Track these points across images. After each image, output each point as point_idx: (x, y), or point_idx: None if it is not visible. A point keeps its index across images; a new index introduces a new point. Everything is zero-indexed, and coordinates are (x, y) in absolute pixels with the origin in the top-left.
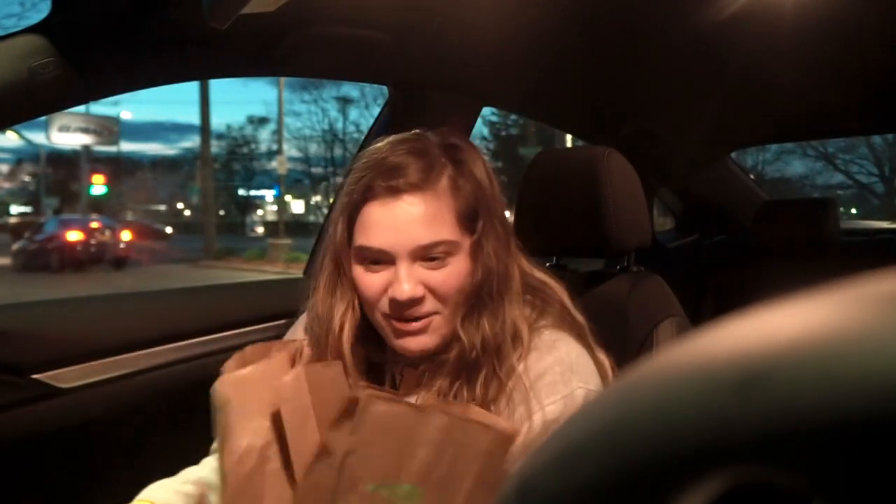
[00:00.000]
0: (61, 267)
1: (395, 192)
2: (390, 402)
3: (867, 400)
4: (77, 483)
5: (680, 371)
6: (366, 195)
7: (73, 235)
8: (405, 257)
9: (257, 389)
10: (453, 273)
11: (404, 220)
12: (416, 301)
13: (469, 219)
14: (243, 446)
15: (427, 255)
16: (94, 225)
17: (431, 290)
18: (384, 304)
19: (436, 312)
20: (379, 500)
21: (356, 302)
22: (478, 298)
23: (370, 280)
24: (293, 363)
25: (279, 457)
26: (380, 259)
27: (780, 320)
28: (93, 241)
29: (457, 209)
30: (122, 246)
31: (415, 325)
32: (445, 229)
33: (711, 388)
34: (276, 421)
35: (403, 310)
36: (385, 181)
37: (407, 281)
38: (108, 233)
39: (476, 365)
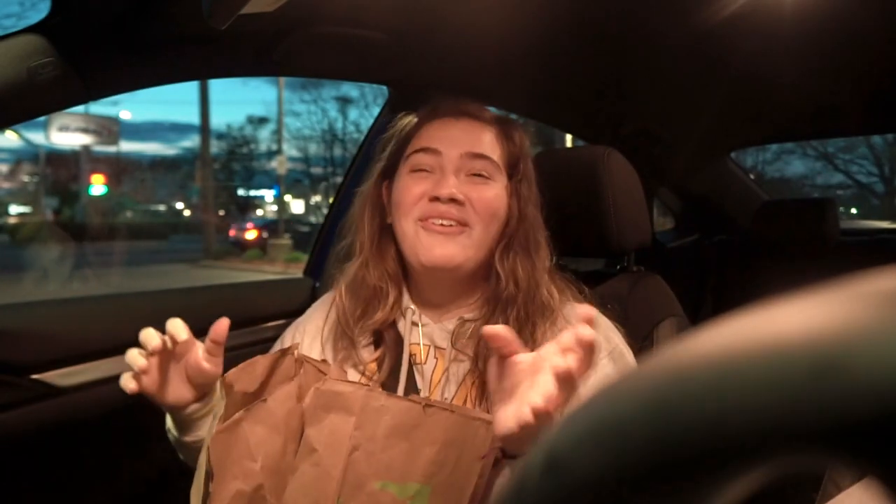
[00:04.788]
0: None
1: (460, 113)
2: (390, 398)
3: None
4: (77, 483)
5: (748, 347)
6: (430, 116)
7: None
8: (454, 160)
9: (243, 430)
10: (492, 195)
11: (461, 131)
12: (456, 202)
13: (511, 165)
14: (232, 492)
15: (473, 167)
16: None
17: (470, 203)
18: (421, 207)
19: (467, 226)
20: (388, 498)
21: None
22: (511, 238)
23: (413, 184)
24: (297, 379)
25: (275, 494)
26: (428, 166)
27: (856, 305)
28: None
29: (506, 150)
30: None
31: (447, 228)
32: (494, 153)
33: (785, 368)
34: (274, 451)
35: (441, 210)
36: (454, 105)
37: (452, 183)
38: None
39: (511, 301)
